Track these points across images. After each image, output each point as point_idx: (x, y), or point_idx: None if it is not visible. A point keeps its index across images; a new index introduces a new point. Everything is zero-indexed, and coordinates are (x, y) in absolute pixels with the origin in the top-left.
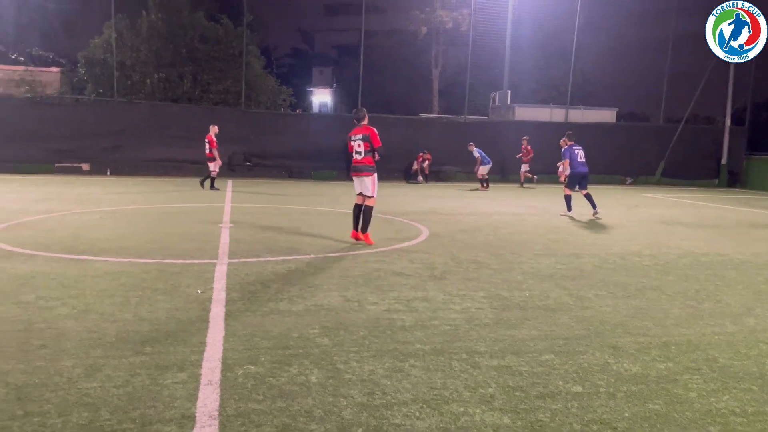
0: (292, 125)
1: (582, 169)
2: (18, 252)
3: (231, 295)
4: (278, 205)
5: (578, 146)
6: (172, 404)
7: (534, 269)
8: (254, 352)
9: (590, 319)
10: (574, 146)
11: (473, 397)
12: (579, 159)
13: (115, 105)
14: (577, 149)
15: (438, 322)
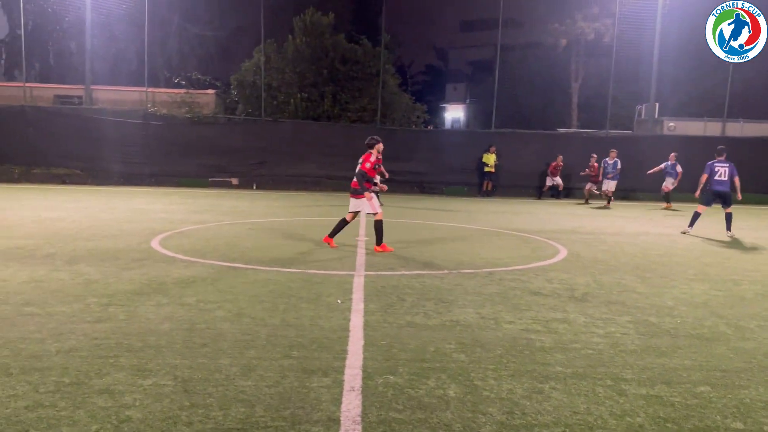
0: (424, 141)
1: (718, 188)
2: (180, 258)
3: (369, 306)
4: (411, 220)
5: (725, 163)
6: (318, 407)
7: (686, 295)
8: (393, 363)
9: (752, 351)
10: (718, 163)
11: (620, 426)
12: (717, 177)
13: (261, 124)
14: (721, 166)
15: (579, 345)
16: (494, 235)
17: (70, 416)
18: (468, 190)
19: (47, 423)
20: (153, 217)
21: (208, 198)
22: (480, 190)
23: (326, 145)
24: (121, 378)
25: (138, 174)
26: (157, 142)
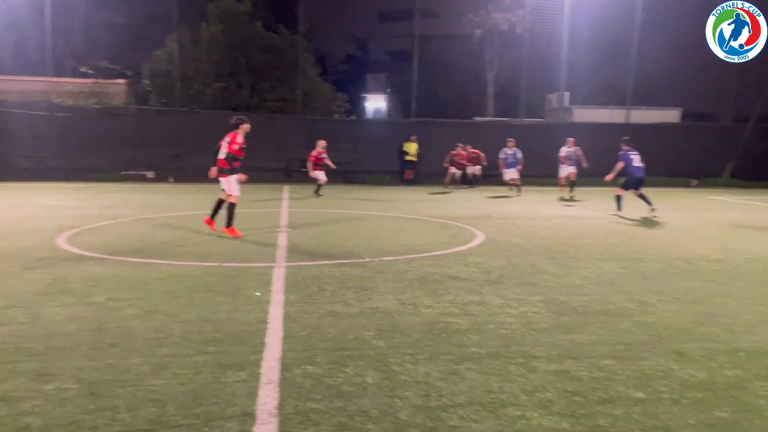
0: (346, 131)
1: (639, 174)
2: (89, 256)
3: (289, 297)
4: (334, 210)
5: (634, 151)
6: (233, 401)
7: (594, 273)
8: (312, 353)
9: (653, 324)
10: (630, 151)
11: (531, 401)
12: (635, 164)
13: (177, 114)
14: (633, 154)
15: (494, 326)
16: (415, 222)
17: None
18: (390, 178)
19: None
20: (62, 214)
21: (122, 192)
22: (402, 179)
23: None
24: (20, 384)
25: (46, 168)
26: (66, 134)
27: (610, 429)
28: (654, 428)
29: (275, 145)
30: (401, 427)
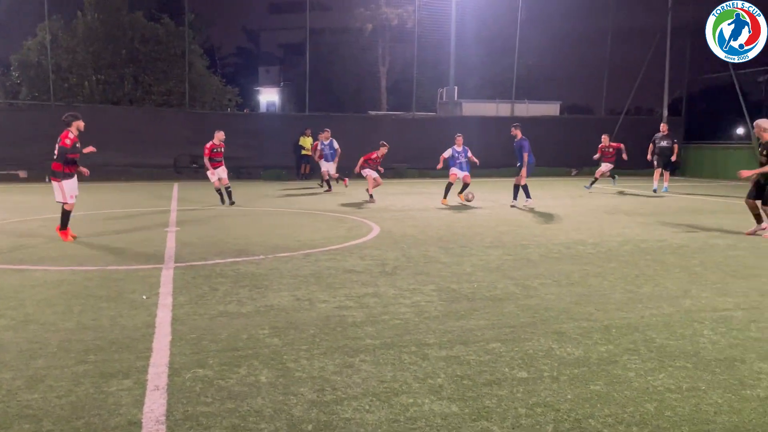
0: (239, 125)
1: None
2: None
3: (178, 300)
4: (227, 207)
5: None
6: (117, 411)
7: (483, 261)
8: (202, 356)
9: (535, 307)
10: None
11: (422, 388)
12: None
13: (52, 109)
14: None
15: (388, 316)
16: (311, 217)
17: None
18: (286, 173)
19: None
20: None
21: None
22: (298, 174)
23: (131, 132)
24: None
25: None
26: None
27: (495, 409)
28: (536, 405)
29: (163, 141)
30: (295, 423)
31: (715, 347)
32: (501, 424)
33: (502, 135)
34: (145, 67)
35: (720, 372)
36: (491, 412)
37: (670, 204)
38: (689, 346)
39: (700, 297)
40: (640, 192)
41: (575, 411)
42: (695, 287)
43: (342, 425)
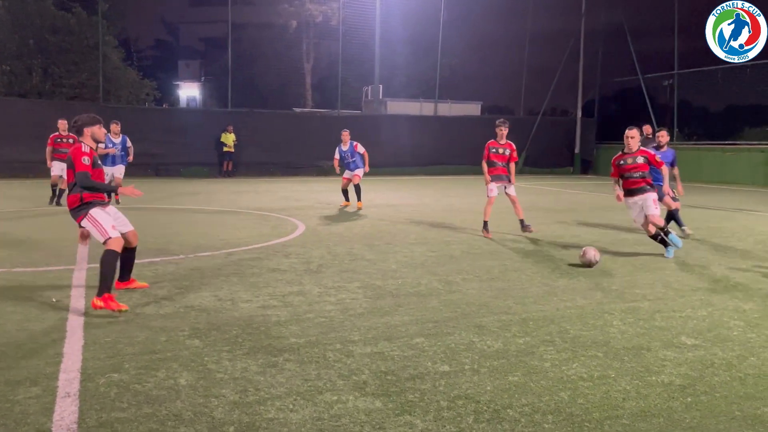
0: (157, 121)
1: None
2: None
3: (91, 302)
4: (145, 205)
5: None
6: (24, 420)
7: (407, 257)
8: (118, 360)
9: (458, 301)
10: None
11: (347, 385)
12: None
13: None
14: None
15: (313, 315)
16: (235, 215)
17: None
18: (208, 171)
19: None
20: None
21: None
22: (220, 171)
23: (40, 126)
24: None
25: None
26: None
27: (418, 403)
28: (457, 397)
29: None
30: (216, 426)
31: (624, 336)
32: (423, 418)
33: (425, 134)
34: (55, 59)
35: (628, 360)
36: (414, 406)
37: (584, 201)
38: (600, 336)
39: (611, 290)
40: (555, 190)
41: (494, 402)
42: (606, 280)
43: (265, 425)
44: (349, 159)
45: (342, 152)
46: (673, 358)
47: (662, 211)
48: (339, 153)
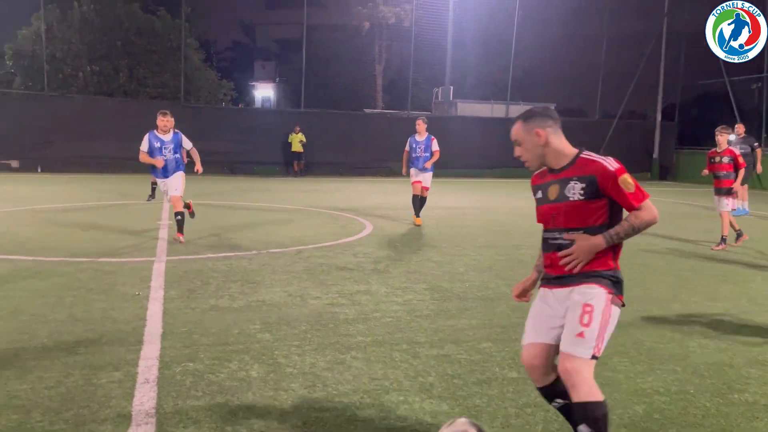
0: (233, 120)
1: None
2: None
3: (169, 293)
4: (220, 202)
5: None
6: (107, 404)
7: (475, 261)
8: (193, 350)
9: (527, 307)
10: None
11: (413, 386)
12: None
13: (45, 99)
14: None
15: (380, 314)
16: (305, 213)
17: None
18: (279, 169)
19: None
20: None
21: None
22: (288, 171)
23: (125, 124)
24: None
25: None
26: None
27: (486, 408)
28: (526, 405)
29: None
30: (285, 419)
31: (704, 351)
32: (491, 423)
33: (495, 136)
34: (140, 59)
35: (708, 376)
36: (481, 411)
37: (661, 209)
38: (678, 349)
39: (690, 302)
40: None
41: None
42: (685, 292)
43: (332, 421)
44: (420, 153)
45: (414, 143)
46: (758, 377)
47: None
48: (410, 144)
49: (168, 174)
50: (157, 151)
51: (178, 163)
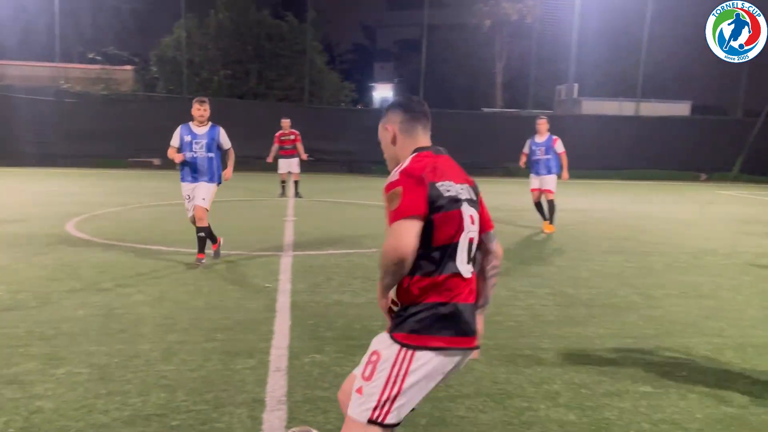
0: (353, 120)
1: None
2: (97, 242)
3: (296, 286)
4: (340, 200)
5: None
6: (243, 388)
7: (601, 267)
8: (319, 342)
9: (659, 318)
10: None
11: (538, 393)
12: None
13: (184, 101)
14: None
15: (502, 318)
16: None
17: None
18: None
19: None
20: (68, 200)
21: (128, 179)
22: None
23: (252, 125)
24: (31, 367)
25: (52, 154)
26: (72, 120)
27: (616, 422)
28: (661, 421)
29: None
30: (409, 417)
31: None
32: None
33: (623, 135)
34: (268, 63)
35: None
36: (611, 424)
37: None
38: None
39: None
40: None
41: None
42: None
43: (455, 423)
44: (540, 155)
45: (534, 145)
46: None
47: None
48: (530, 146)
49: (198, 177)
50: (187, 146)
51: (212, 168)
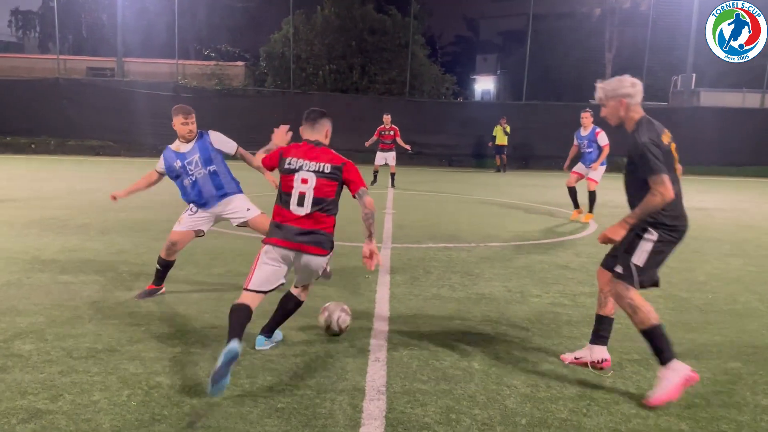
0: (453, 113)
1: None
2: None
3: (395, 279)
4: (439, 193)
5: None
6: (344, 376)
7: (719, 270)
8: (417, 335)
9: None
10: None
11: None
12: None
13: (291, 96)
14: None
15: None
16: (523, 208)
17: (102, 381)
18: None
19: (80, 388)
20: None
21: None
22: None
23: (355, 118)
24: (151, 345)
25: None
26: None
27: None
28: None
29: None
30: (509, 415)
31: None
32: None
33: (747, 129)
34: (371, 57)
35: None
36: None
37: None
38: None
39: None
40: None
41: None
42: None
43: (557, 425)
44: (585, 148)
45: (579, 139)
46: None
47: None
48: (577, 139)
49: (208, 203)
50: (181, 172)
51: (222, 182)
